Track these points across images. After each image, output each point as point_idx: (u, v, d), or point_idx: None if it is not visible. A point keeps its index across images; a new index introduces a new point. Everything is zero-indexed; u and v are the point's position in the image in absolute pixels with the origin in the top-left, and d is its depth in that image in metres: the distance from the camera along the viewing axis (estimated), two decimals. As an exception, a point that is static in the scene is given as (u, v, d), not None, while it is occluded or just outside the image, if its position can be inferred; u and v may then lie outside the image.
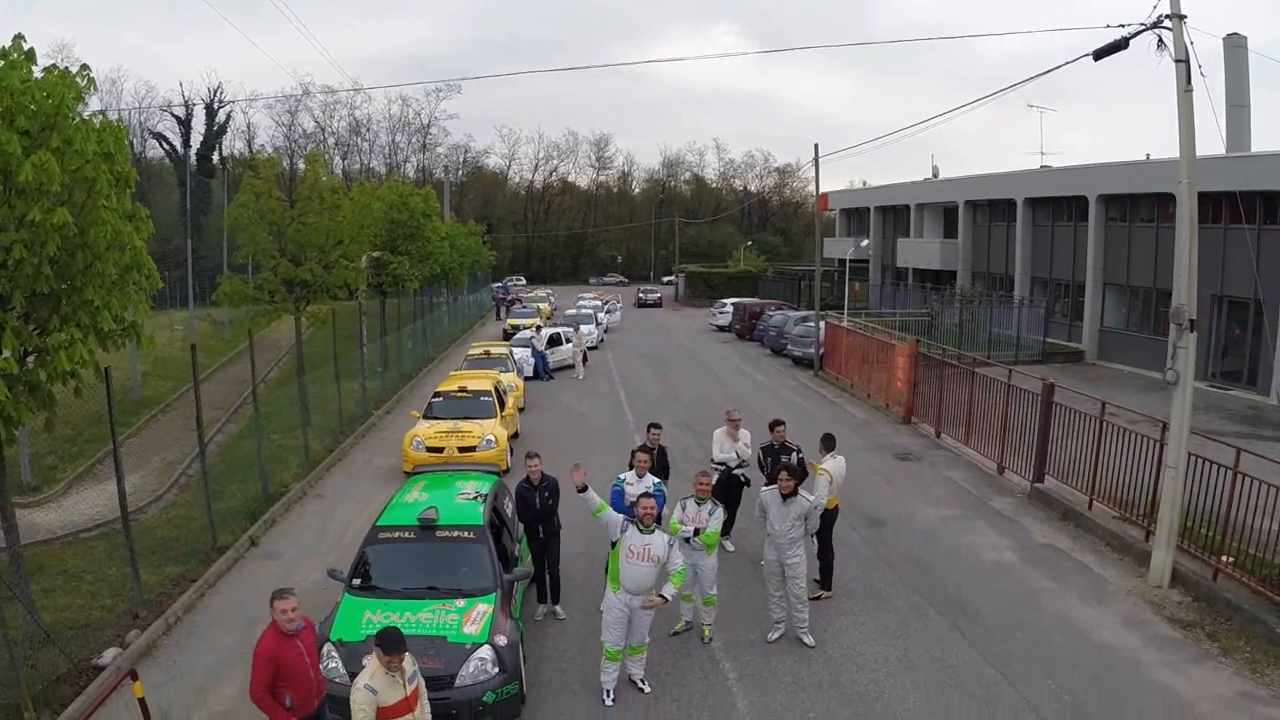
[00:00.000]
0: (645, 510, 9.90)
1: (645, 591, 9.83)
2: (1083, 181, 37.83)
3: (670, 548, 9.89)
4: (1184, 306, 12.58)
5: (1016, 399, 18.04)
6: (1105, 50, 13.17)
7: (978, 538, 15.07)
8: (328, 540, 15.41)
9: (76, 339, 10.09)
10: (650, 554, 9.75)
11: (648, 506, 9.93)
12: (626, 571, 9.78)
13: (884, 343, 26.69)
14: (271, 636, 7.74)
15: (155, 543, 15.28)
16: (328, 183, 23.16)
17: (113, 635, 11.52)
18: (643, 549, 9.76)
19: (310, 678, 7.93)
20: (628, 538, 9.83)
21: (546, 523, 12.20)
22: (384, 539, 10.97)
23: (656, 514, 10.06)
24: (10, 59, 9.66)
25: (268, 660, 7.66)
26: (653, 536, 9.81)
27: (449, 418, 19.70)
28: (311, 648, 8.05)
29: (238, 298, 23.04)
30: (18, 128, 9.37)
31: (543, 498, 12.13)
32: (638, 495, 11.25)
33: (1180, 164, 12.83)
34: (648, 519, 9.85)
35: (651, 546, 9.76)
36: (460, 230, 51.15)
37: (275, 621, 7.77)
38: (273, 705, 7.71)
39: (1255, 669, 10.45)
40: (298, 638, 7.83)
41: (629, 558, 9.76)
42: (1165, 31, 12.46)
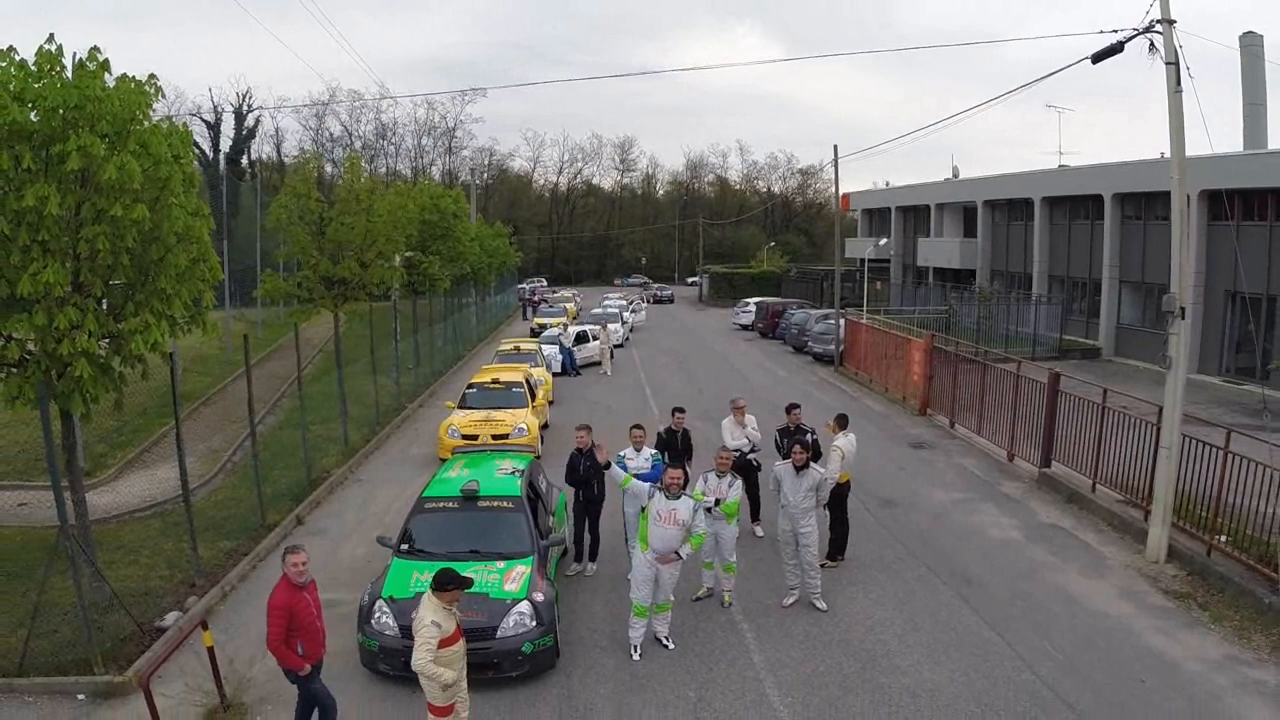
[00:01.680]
0: (672, 480, 10.77)
1: (670, 550, 10.71)
2: (1098, 180, 38.38)
3: (695, 513, 10.77)
4: (1175, 295, 13.28)
5: (1025, 389, 18.78)
6: (1102, 54, 13.93)
7: (985, 518, 15.85)
8: (369, 519, 16.31)
9: (151, 324, 11.07)
10: (676, 518, 10.63)
11: (674, 477, 10.80)
12: (655, 533, 10.66)
13: (901, 338, 27.43)
14: (284, 589, 8.37)
15: (206, 521, 16.17)
16: (365, 184, 24.15)
17: (172, 601, 12.48)
18: (669, 513, 10.64)
19: (318, 628, 8.61)
20: (655, 503, 10.71)
21: (587, 488, 13.41)
22: (430, 508, 11.94)
23: (683, 482, 10.88)
24: (88, 69, 10.62)
25: (283, 610, 8.27)
26: (678, 502, 10.68)
27: (483, 407, 20.62)
28: (317, 600, 8.71)
29: (278, 294, 24.10)
30: (99, 132, 10.31)
31: (585, 465, 13.31)
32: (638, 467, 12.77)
33: (1171, 162, 13.54)
34: (674, 488, 10.71)
35: (677, 511, 10.65)
36: (488, 232, 52.19)
37: (286, 575, 8.41)
38: (288, 653, 8.35)
39: (1243, 635, 11.13)
40: (306, 590, 8.50)
41: (656, 521, 10.65)
42: (1157, 36, 13.18)
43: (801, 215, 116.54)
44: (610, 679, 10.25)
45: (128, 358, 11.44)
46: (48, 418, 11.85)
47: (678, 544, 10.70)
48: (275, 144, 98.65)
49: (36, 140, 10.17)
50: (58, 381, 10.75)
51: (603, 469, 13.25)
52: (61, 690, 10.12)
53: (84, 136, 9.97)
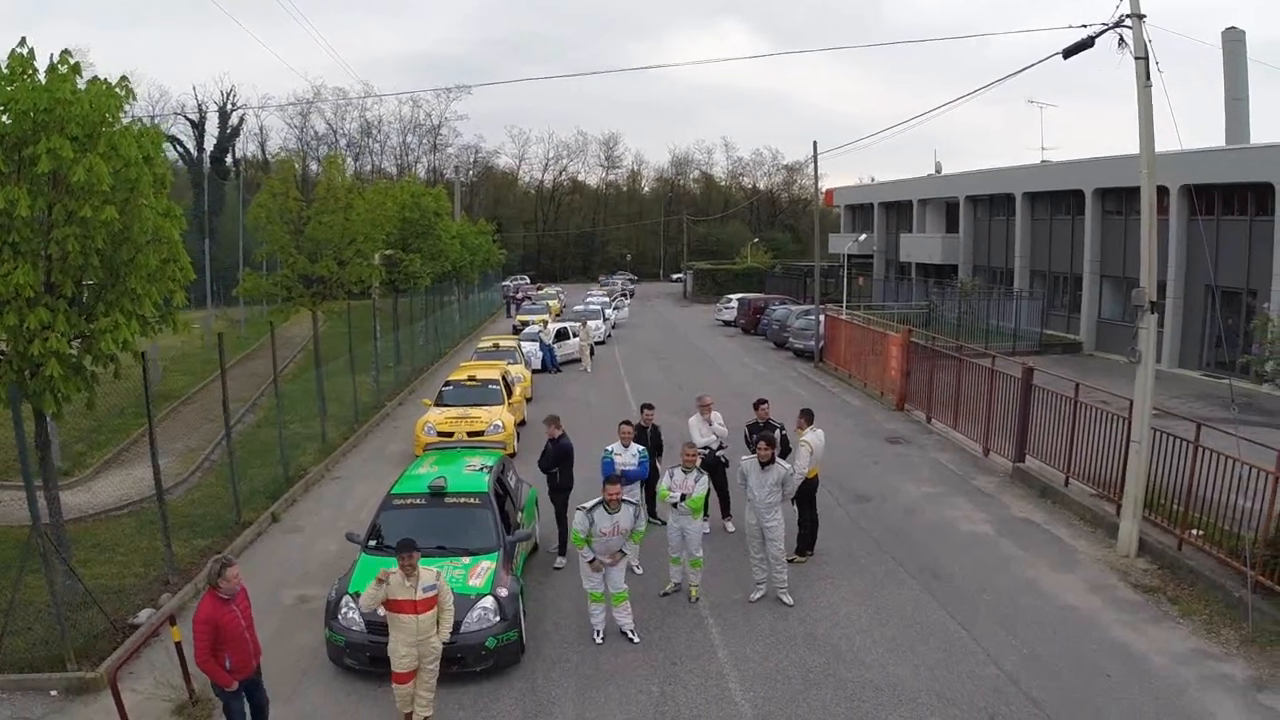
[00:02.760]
0: (612, 496, 10.86)
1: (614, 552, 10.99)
2: (1079, 175, 38.53)
3: (635, 518, 11.02)
4: (1144, 289, 13.33)
5: (1001, 384, 18.85)
6: (1073, 49, 13.96)
7: (957, 512, 15.93)
8: (345, 516, 16.31)
9: (121, 324, 11.10)
10: (619, 529, 10.86)
11: (613, 494, 10.89)
12: (599, 543, 10.87)
13: (879, 334, 27.50)
14: (208, 603, 8.24)
15: (182, 520, 16.22)
16: (343, 183, 24.10)
17: (146, 598, 12.52)
18: (612, 527, 10.84)
19: (246, 640, 8.47)
20: (598, 523, 10.82)
21: (552, 477, 13.86)
22: (397, 505, 12.03)
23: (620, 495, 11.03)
24: (59, 72, 10.63)
25: (207, 624, 8.12)
26: (619, 514, 10.86)
27: (459, 405, 20.64)
28: (247, 612, 8.59)
29: (257, 293, 24.05)
30: (68, 134, 10.33)
31: (551, 452, 13.77)
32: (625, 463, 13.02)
33: (1140, 156, 13.60)
34: (614, 504, 10.84)
35: (619, 523, 10.86)
36: (471, 229, 52.08)
37: (211, 589, 8.27)
38: (215, 668, 8.22)
39: (1211, 629, 11.19)
40: (233, 603, 8.36)
41: (599, 536, 10.83)
42: (1126, 30, 13.22)
43: (787, 211, 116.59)
44: (574, 673, 10.31)
45: (99, 357, 11.45)
46: (19, 417, 11.90)
47: (620, 545, 10.98)
48: (260, 142, 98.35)
49: (8, 143, 10.25)
50: (30, 381, 10.75)
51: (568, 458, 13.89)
52: (35, 686, 10.20)
53: (54, 139, 10.00)
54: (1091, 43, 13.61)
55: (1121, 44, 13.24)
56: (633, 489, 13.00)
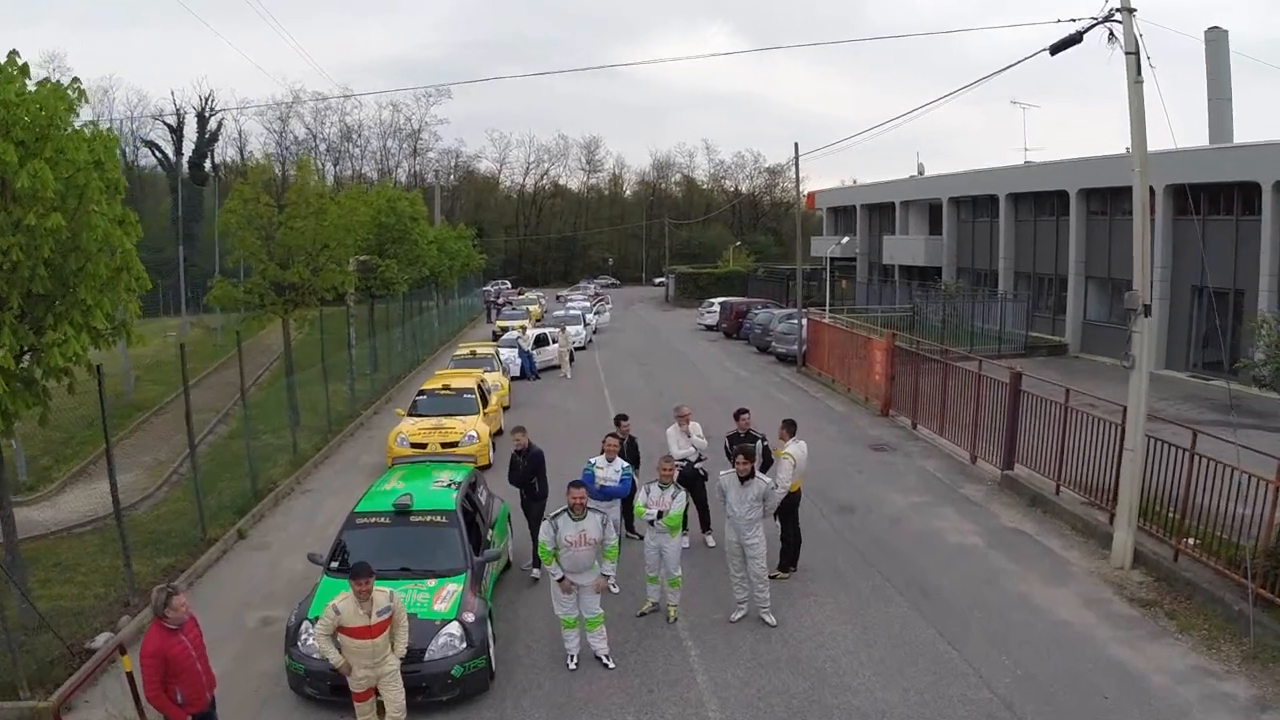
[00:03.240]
0: (576, 501, 10.37)
1: (587, 569, 10.39)
2: (1063, 176, 38.30)
3: (604, 527, 10.48)
4: (1137, 293, 12.93)
5: (988, 389, 18.43)
6: (1061, 45, 13.53)
7: (944, 523, 15.48)
8: (313, 532, 15.75)
9: (70, 336, 10.58)
10: (586, 538, 10.31)
11: (578, 497, 10.41)
12: (567, 557, 10.32)
13: (862, 338, 27.08)
14: (155, 634, 7.77)
15: (146, 537, 15.71)
16: (315, 187, 23.56)
17: (105, 621, 11.96)
18: (579, 535, 10.30)
19: (198, 671, 8.00)
20: (563, 530, 10.31)
21: (529, 489, 13.38)
22: (361, 524, 11.50)
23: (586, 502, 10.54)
24: (5, 73, 10.11)
25: (155, 657, 7.67)
26: (585, 522, 10.35)
27: (433, 415, 20.11)
28: (198, 641, 8.10)
29: (227, 301, 23.49)
30: (13, 138, 9.83)
31: (523, 465, 13.35)
32: (607, 478, 12.41)
33: (1133, 155, 13.21)
34: (578, 509, 10.34)
35: (586, 531, 10.32)
36: (450, 234, 51.54)
37: (157, 619, 7.78)
38: (166, 703, 7.76)
39: (1211, 645, 10.74)
40: (182, 632, 7.89)
41: (568, 547, 10.29)
42: (1116, 25, 12.81)
43: (769, 214, 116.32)
44: (545, 701, 9.79)
45: (50, 371, 10.92)
46: (-34, 435, 11.32)
47: (591, 561, 10.41)
48: (239, 147, 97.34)
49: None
50: (-25, 397, 10.21)
51: (541, 467, 13.44)
52: (-14, 715, 9.70)
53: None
54: (1080, 38, 13.20)
55: (1111, 39, 12.85)
56: (613, 505, 12.50)
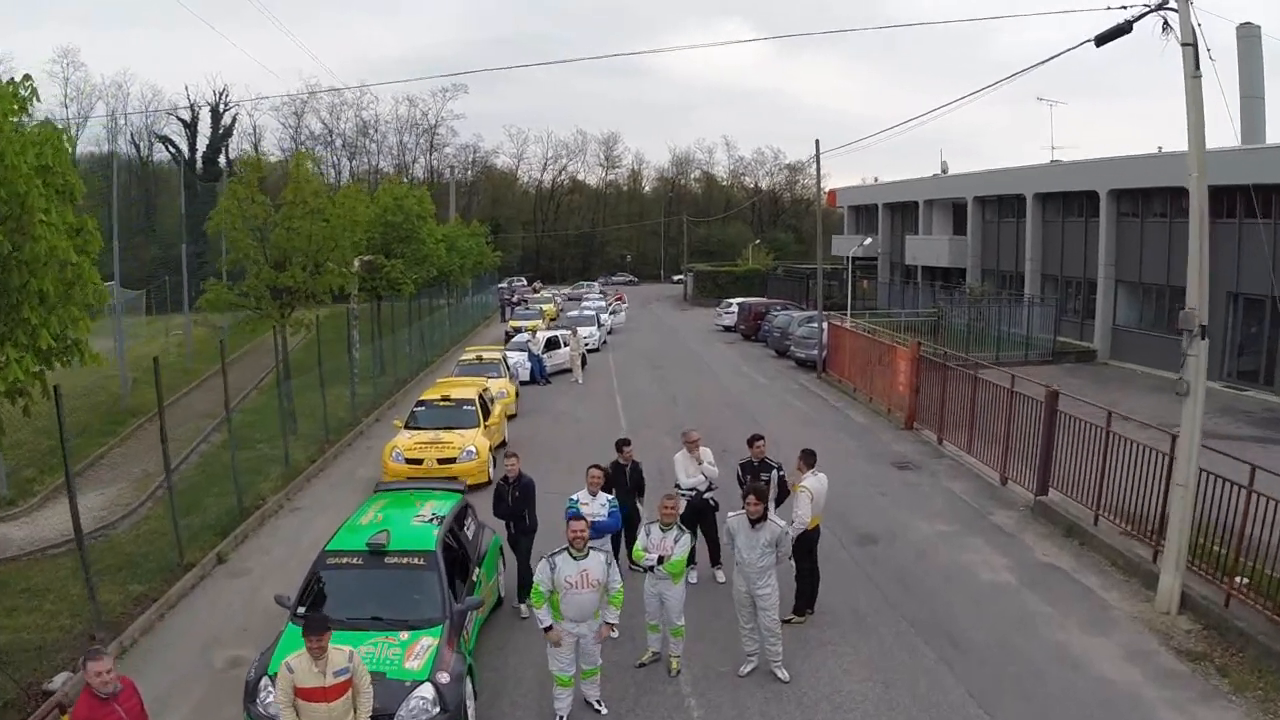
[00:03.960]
0: (576, 534, 9.40)
1: (590, 617, 9.41)
2: (1093, 176, 36.90)
3: (608, 567, 9.52)
4: (1194, 311, 11.71)
5: (1020, 406, 17.24)
6: (1107, 35, 12.33)
7: (974, 556, 14.30)
8: (297, 556, 14.74)
9: (13, 359, 9.62)
10: (589, 579, 9.33)
11: (578, 530, 9.43)
12: (568, 602, 9.32)
13: (886, 345, 25.89)
14: (84, 703, 7.03)
15: (122, 559, 14.82)
16: (312, 186, 22.55)
17: (67, 658, 11.07)
18: (579, 576, 9.31)
19: None
20: (562, 569, 9.32)
21: (518, 520, 12.41)
22: (331, 564, 10.50)
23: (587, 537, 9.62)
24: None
25: None
26: (587, 561, 9.37)
27: (431, 428, 19.11)
28: (136, 709, 7.32)
29: (222, 305, 22.60)
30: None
31: (513, 496, 12.32)
32: (594, 514, 11.28)
33: (1189, 156, 12.01)
34: (578, 544, 9.36)
35: (589, 572, 9.35)
36: (463, 231, 50.58)
37: (88, 686, 7.04)
38: None
39: (1268, 709, 9.62)
40: (116, 701, 7.09)
41: (567, 589, 9.27)
42: (1171, 13, 11.58)
43: (789, 211, 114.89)
44: (530, 768, 8.73)
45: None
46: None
47: (595, 605, 9.40)
48: (254, 143, 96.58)
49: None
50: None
51: (532, 499, 12.42)
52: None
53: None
54: (1129, 28, 11.94)
55: (1166, 29, 11.57)
56: (603, 543, 11.43)
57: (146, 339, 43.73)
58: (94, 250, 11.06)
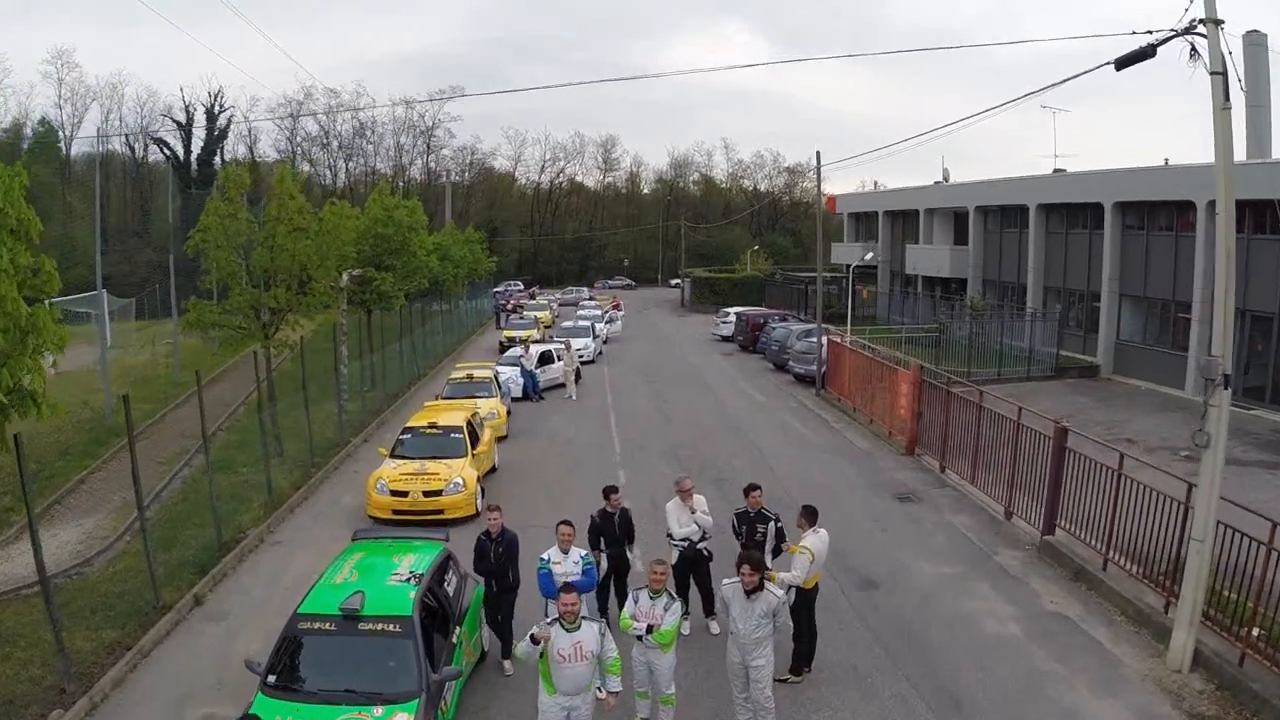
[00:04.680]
0: (567, 608, 8.88)
1: (583, 689, 8.92)
2: (1098, 187, 36.32)
3: (602, 636, 9.00)
4: (1218, 360, 11.06)
5: (1027, 439, 16.63)
6: (1128, 59, 11.62)
7: (979, 603, 13.71)
8: (276, 597, 14.20)
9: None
10: (583, 652, 8.83)
11: (569, 603, 8.91)
12: (560, 675, 8.82)
13: (887, 368, 25.28)
14: None
15: (97, 601, 14.23)
16: (296, 203, 21.96)
17: (37, 713, 10.63)
18: (573, 649, 8.80)
19: None
20: (555, 642, 8.80)
21: (501, 578, 11.76)
22: (303, 629, 9.89)
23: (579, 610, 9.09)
24: None
25: None
26: (580, 632, 8.86)
27: (416, 457, 18.51)
28: None
29: (204, 324, 22.03)
30: None
31: (496, 552, 11.70)
32: (567, 573, 10.84)
33: (1217, 192, 11.26)
34: (569, 616, 8.86)
35: (582, 644, 8.84)
36: (457, 239, 49.99)
37: None
38: None
39: (1283, 778, 9.10)
40: None
41: (560, 662, 8.76)
42: (1199, 39, 10.85)
43: (789, 215, 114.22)
44: None
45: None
46: None
47: (589, 677, 8.90)
48: (249, 145, 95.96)
49: None
50: None
51: (515, 555, 11.79)
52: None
53: None
54: (1153, 52, 11.21)
55: (1193, 55, 10.86)
56: (594, 612, 10.92)
57: (136, 348, 43.02)
58: (53, 290, 10.53)
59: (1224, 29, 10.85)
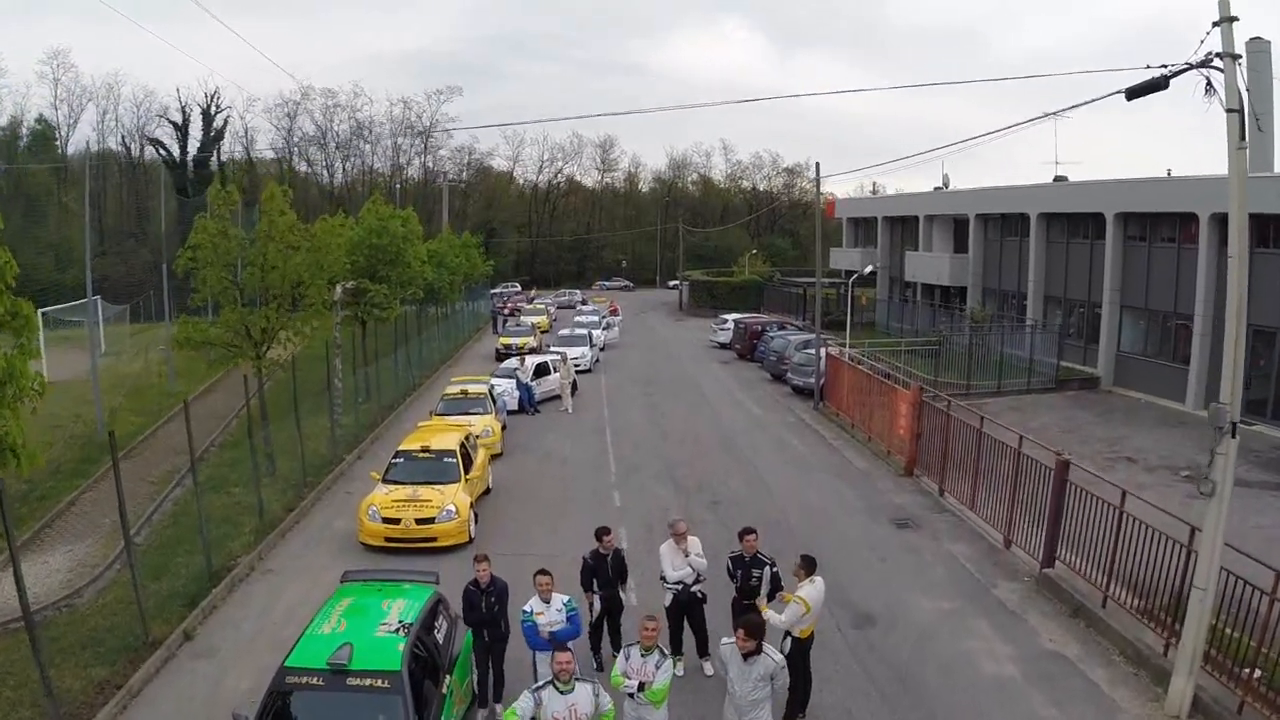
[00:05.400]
0: (562, 667, 8.70)
1: None
2: (1100, 198, 36.07)
3: (596, 698, 8.80)
4: (1226, 407, 10.78)
5: (1028, 469, 16.39)
6: (1140, 90, 11.35)
7: (977, 642, 13.49)
8: (266, 632, 14.07)
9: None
10: (577, 714, 8.63)
11: (564, 662, 8.73)
12: None
13: (887, 386, 25.03)
14: None
15: (86, 636, 13.96)
16: (286, 220, 21.70)
17: (25, 759, 10.25)
18: (567, 712, 8.61)
19: None
20: (549, 705, 8.61)
21: (493, 627, 11.55)
22: (290, 684, 9.62)
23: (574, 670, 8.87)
24: None
25: None
26: (575, 695, 8.67)
27: (409, 482, 18.25)
28: None
29: (194, 344, 21.79)
30: None
31: (489, 602, 11.47)
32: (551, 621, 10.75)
33: (1230, 239, 11.03)
34: (564, 675, 8.67)
35: (577, 706, 8.65)
36: (453, 244, 49.74)
37: None
38: None
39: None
40: None
41: None
42: (1215, 73, 10.52)
43: (787, 215, 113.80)
44: None
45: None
46: None
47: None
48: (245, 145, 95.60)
49: None
50: None
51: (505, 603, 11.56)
52: None
53: None
54: (1165, 84, 10.98)
55: (1209, 91, 10.53)
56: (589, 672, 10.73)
57: (129, 355, 42.77)
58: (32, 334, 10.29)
59: (1241, 64, 10.57)
